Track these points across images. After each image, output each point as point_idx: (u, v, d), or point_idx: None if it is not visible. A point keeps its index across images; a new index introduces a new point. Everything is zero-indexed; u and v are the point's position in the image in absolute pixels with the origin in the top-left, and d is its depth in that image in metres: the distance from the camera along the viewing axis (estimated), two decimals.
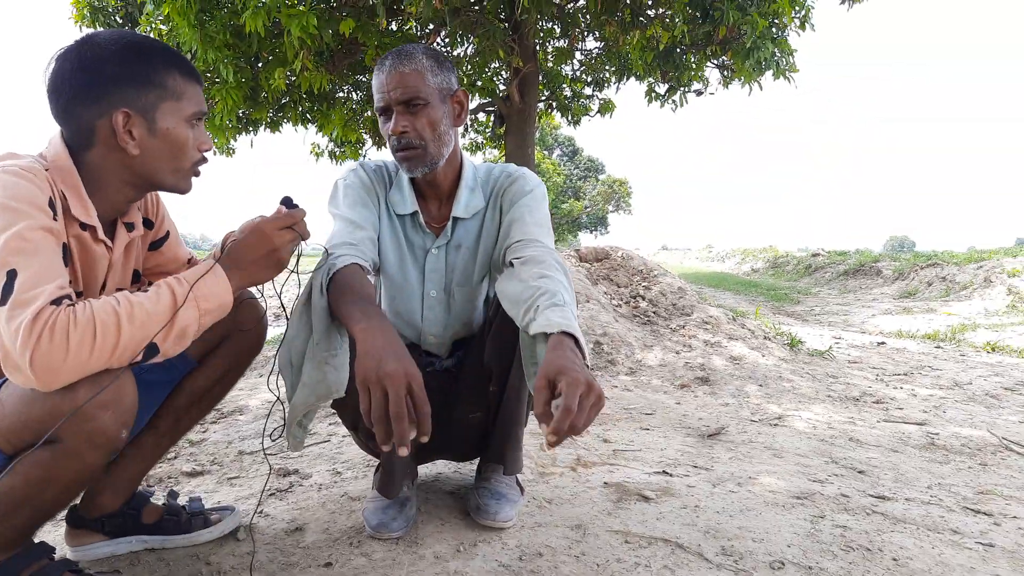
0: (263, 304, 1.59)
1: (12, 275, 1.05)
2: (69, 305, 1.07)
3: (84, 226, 1.25)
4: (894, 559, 1.60)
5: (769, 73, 6.79)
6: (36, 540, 1.28)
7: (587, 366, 1.24)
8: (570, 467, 2.23)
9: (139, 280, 1.52)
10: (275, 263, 1.30)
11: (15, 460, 1.15)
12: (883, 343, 5.97)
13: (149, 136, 1.26)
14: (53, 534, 1.65)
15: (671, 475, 2.19)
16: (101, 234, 1.29)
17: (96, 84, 1.21)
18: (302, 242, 1.35)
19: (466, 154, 1.81)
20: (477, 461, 1.92)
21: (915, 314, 8.50)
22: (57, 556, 1.33)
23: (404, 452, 1.15)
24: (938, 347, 5.88)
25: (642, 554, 1.58)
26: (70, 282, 1.16)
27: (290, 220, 1.31)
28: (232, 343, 1.56)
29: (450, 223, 1.71)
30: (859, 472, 2.31)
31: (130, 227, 1.41)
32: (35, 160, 1.21)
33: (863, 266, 13.64)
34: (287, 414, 1.46)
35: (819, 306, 10.24)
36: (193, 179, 1.37)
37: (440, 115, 1.57)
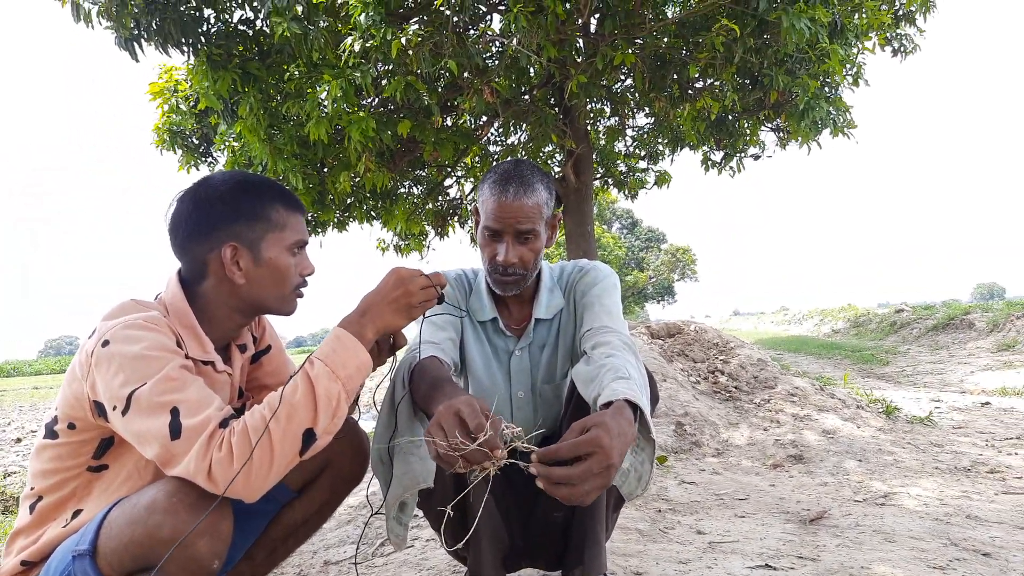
0: (364, 433, 1.59)
1: (175, 412, 1.14)
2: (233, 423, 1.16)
3: (203, 362, 1.34)
4: None
5: (827, 131, 6.71)
6: None
7: (651, 439, 1.23)
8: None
9: (242, 396, 1.55)
10: (405, 307, 1.33)
11: None
12: (988, 403, 5.54)
13: (255, 266, 1.36)
14: None
15: (775, 568, 2.02)
16: (221, 365, 1.39)
17: (207, 222, 1.33)
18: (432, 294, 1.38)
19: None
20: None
21: (1018, 368, 7.91)
22: None
23: (497, 455, 1.08)
24: None
25: None
26: None
27: (422, 273, 1.36)
28: (332, 473, 1.55)
29: (531, 324, 1.74)
30: (984, 555, 2.10)
31: (243, 348, 1.51)
32: (156, 307, 1.33)
33: (953, 319, 12.88)
34: (385, 511, 1.46)
35: (910, 366, 9.68)
36: (296, 301, 1.45)
37: (542, 245, 1.64)
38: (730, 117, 7.35)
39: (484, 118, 7.49)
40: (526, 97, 7.15)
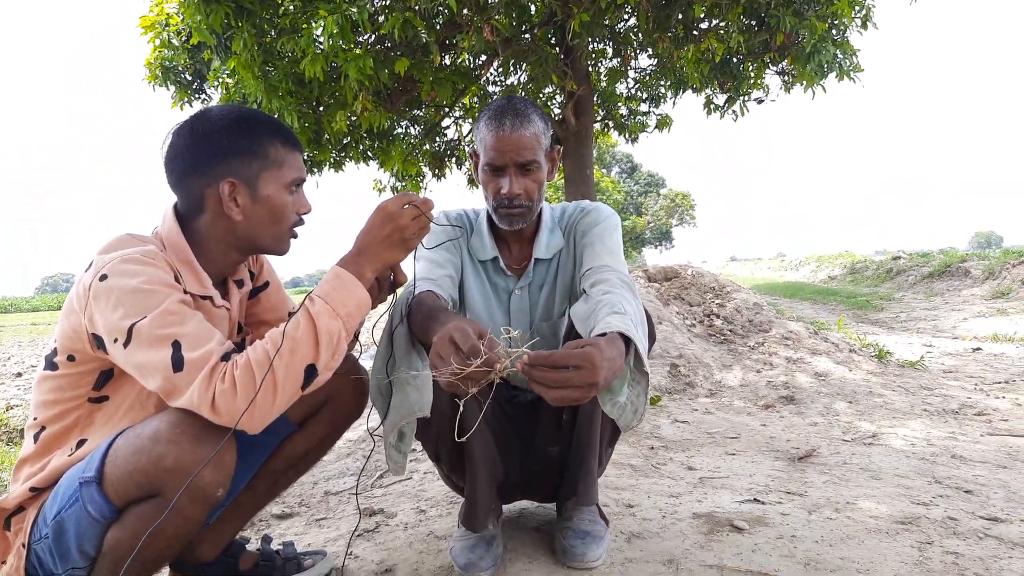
0: (363, 368, 1.62)
1: (177, 345, 1.16)
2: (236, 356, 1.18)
3: (201, 297, 1.35)
4: None
5: (832, 75, 6.59)
6: None
7: (645, 372, 1.28)
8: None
9: (241, 331, 1.57)
10: (400, 241, 1.34)
11: (123, 512, 1.21)
12: (979, 349, 5.62)
13: (252, 203, 1.35)
14: None
15: (763, 503, 2.09)
16: (219, 300, 1.40)
17: (204, 156, 1.32)
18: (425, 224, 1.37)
19: None
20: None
21: (1011, 315, 7.98)
22: None
23: (498, 368, 1.10)
24: None
25: None
26: None
27: (408, 199, 1.35)
28: (332, 407, 1.59)
29: (531, 264, 1.76)
30: (966, 492, 2.17)
31: (240, 284, 1.52)
32: (153, 241, 1.33)
33: (949, 267, 12.92)
34: (384, 440, 1.50)
35: (905, 312, 9.76)
36: (291, 240, 1.44)
37: (544, 176, 1.64)
38: (735, 59, 7.21)
39: (483, 57, 7.34)
40: (527, 36, 6.98)
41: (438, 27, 6.48)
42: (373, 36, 6.49)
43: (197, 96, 7.59)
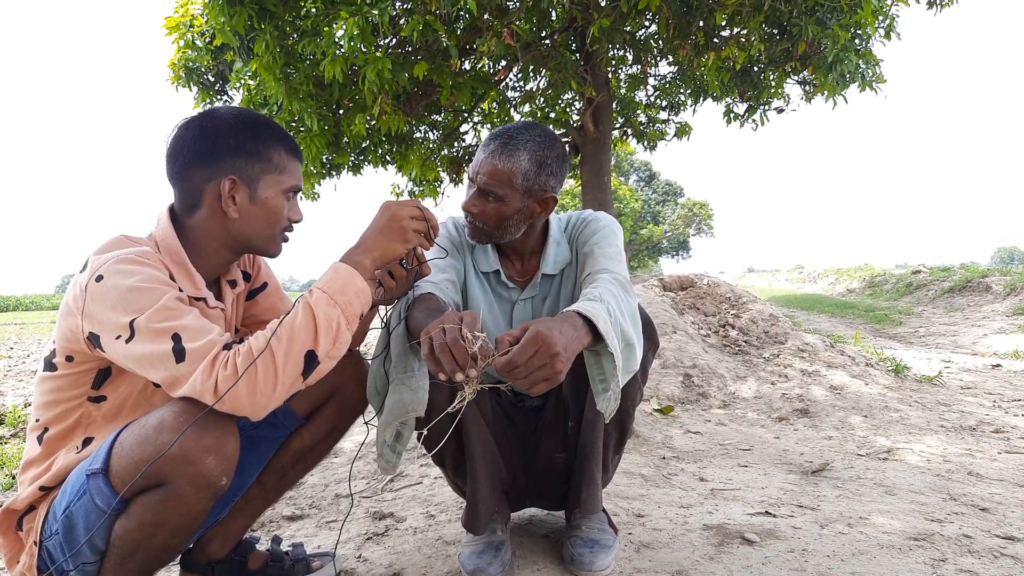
0: (367, 363, 1.62)
1: (177, 338, 1.18)
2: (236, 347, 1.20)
3: (195, 299, 1.36)
4: None
5: (854, 86, 6.53)
6: None
7: (610, 352, 1.28)
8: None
9: (237, 333, 1.58)
10: (400, 234, 1.35)
11: (130, 504, 1.22)
12: (998, 365, 5.53)
13: (249, 203, 1.37)
14: None
15: (775, 516, 2.07)
16: (213, 302, 1.41)
17: (211, 151, 1.34)
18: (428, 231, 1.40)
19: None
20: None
21: None
22: None
23: (468, 376, 1.13)
24: None
25: None
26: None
27: (414, 203, 1.39)
28: (338, 400, 1.61)
29: (538, 278, 1.76)
30: (982, 510, 2.13)
31: (233, 284, 1.53)
32: (147, 243, 1.35)
33: (970, 282, 12.73)
34: (376, 438, 1.50)
35: (924, 327, 9.63)
36: (282, 244, 1.47)
37: (512, 211, 1.62)
38: (755, 68, 7.16)
39: (503, 62, 7.35)
40: (546, 41, 6.98)
41: (458, 31, 6.49)
42: (393, 39, 6.52)
43: (219, 97, 7.66)
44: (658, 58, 7.95)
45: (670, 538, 1.88)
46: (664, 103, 9.00)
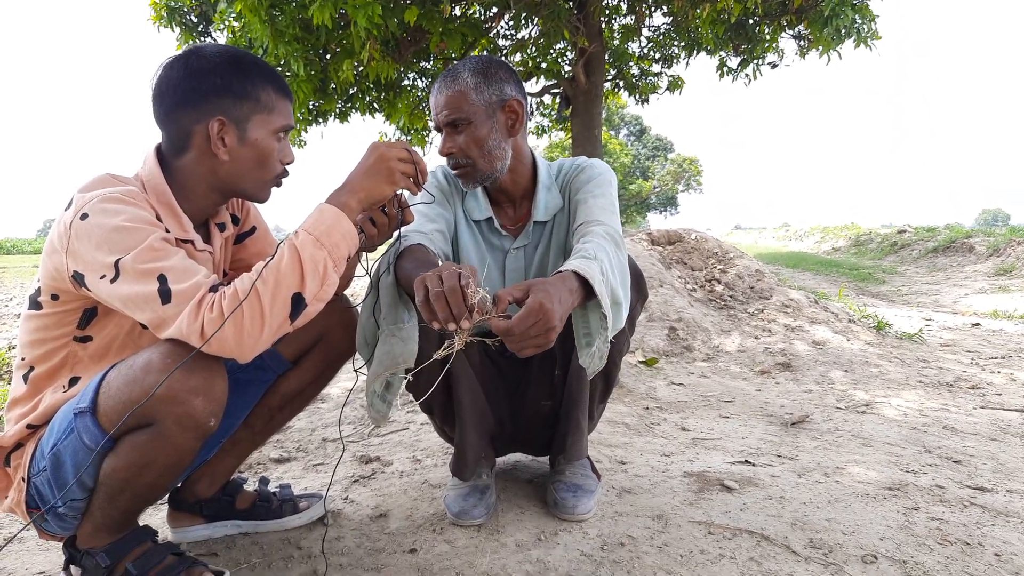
0: (356, 310, 1.62)
1: (163, 279, 1.16)
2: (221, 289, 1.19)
3: (182, 241, 1.33)
4: (996, 554, 1.51)
5: (849, 41, 6.46)
6: (140, 524, 1.35)
7: (603, 313, 1.29)
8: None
9: (225, 276, 1.57)
10: (387, 174, 1.34)
11: (118, 443, 1.23)
12: (978, 324, 5.63)
13: (239, 145, 1.33)
14: (155, 518, 1.73)
15: (754, 464, 2.12)
16: (201, 244, 1.39)
17: (198, 92, 1.30)
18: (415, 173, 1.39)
19: (539, 154, 1.81)
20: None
21: (1012, 293, 7.97)
22: (160, 539, 1.39)
23: (460, 327, 1.14)
24: None
25: (726, 546, 1.54)
26: None
27: (403, 144, 1.36)
28: (325, 345, 1.61)
29: (530, 226, 1.74)
30: (955, 462, 2.19)
31: (222, 227, 1.50)
32: (133, 183, 1.31)
33: (954, 242, 12.85)
34: (367, 389, 1.51)
35: (906, 286, 9.74)
36: (273, 190, 1.43)
37: (486, 131, 1.60)
38: (751, 21, 7.06)
39: (495, 9, 7.18)
40: None
41: None
42: None
43: (202, 38, 7.43)
44: (653, 8, 7.80)
45: (651, 484, 1.92)
46: (657, 55, 8.87)
